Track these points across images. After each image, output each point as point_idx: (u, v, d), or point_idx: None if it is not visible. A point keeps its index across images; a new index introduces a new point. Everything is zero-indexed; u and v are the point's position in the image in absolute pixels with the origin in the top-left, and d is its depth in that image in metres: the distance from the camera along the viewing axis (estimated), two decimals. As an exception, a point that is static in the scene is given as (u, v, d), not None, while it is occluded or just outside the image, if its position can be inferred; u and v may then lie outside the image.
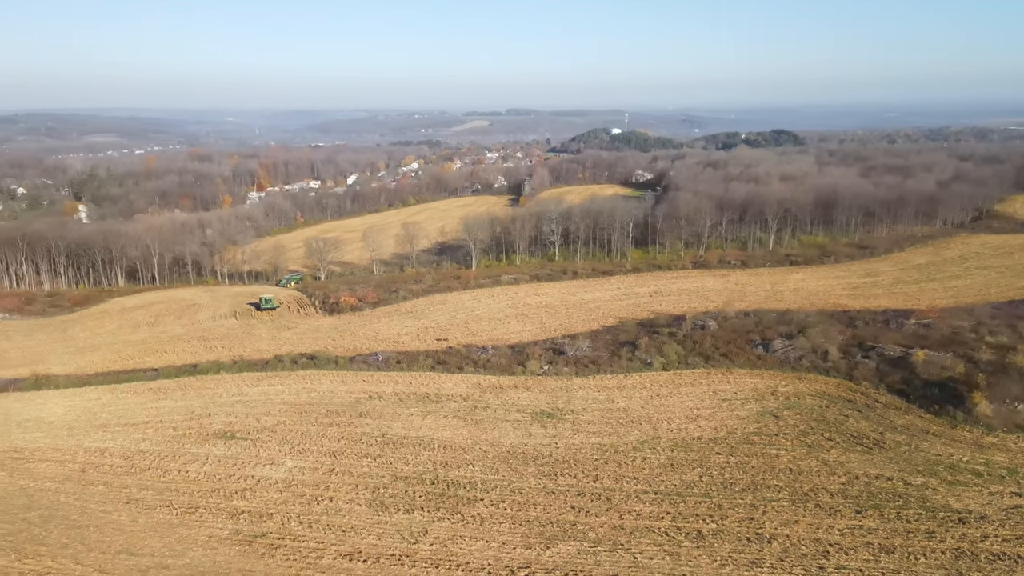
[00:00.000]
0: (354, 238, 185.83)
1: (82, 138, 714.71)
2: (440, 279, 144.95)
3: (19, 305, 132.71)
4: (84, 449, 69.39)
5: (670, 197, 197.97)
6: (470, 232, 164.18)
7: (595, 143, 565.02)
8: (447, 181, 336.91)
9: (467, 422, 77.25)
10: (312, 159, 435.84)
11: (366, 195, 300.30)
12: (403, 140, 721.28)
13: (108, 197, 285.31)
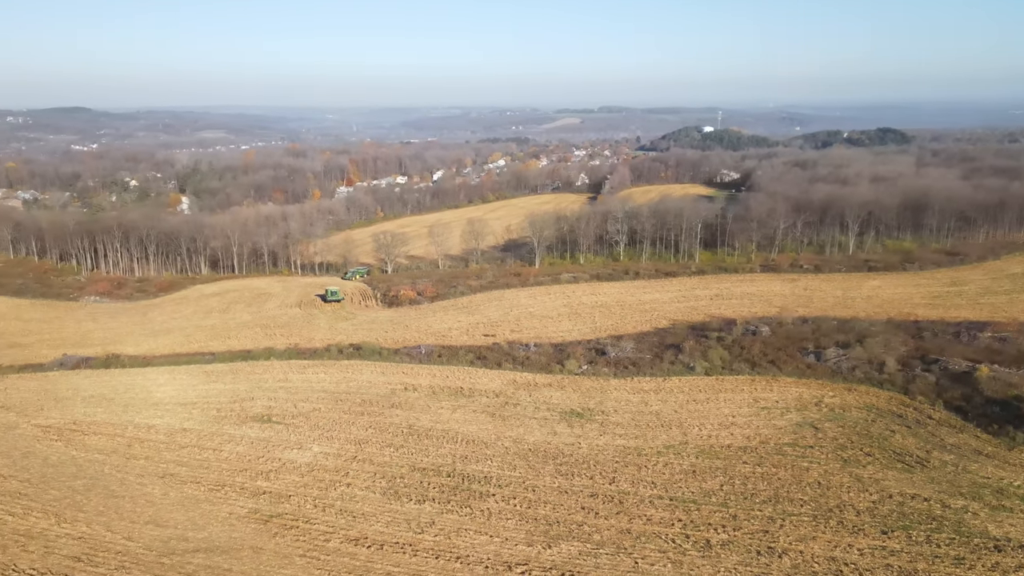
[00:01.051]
0: (426, 233, 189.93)
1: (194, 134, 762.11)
2: (500, 276, 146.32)
3: (110, 289, 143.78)
4: (134, 425, 74.74)
5: (743, 197, 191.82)
6: (535, 229, 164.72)
7: (685, 141, 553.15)
8: (528, 178, 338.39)
9: (494, 418, 77.97)
10: (401, 155, 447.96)
11: (447, 191, 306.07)
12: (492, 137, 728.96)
13: (208, 190, 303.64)
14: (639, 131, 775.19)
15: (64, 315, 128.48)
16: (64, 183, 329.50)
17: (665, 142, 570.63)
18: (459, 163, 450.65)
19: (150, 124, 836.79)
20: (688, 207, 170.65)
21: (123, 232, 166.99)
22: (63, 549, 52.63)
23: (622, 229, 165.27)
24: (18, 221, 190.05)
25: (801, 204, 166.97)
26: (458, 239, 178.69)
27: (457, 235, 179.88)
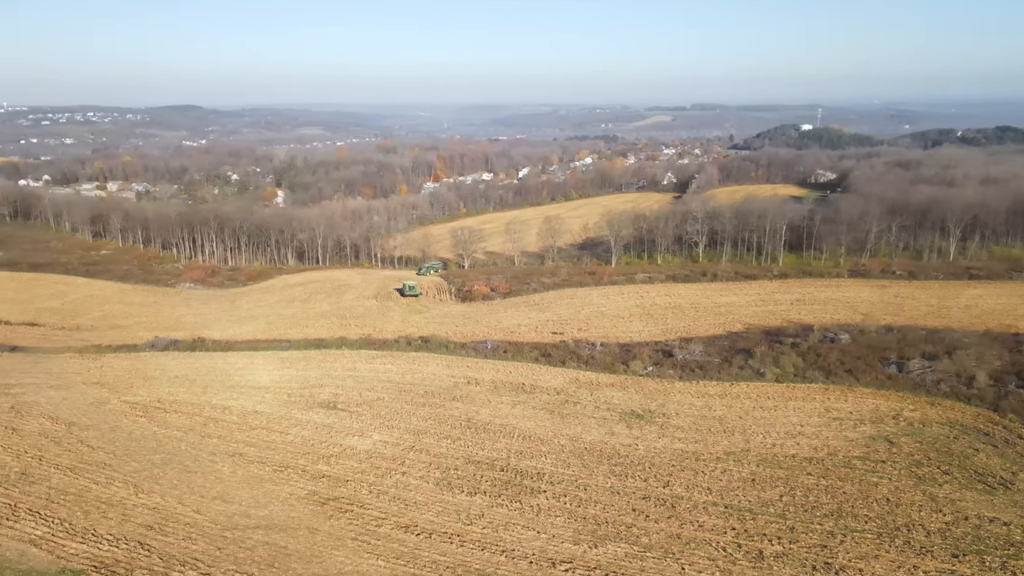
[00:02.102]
0: (504, 230, 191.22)
1: (294, 131, 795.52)
2: (575, 274, 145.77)
3: (204, 277, 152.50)
4: (211, 405, 79.09)
5: (835, 198, 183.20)
6: (612, 228, 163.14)
7: (781, 140, 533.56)
8: (613, 177, 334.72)
9: (553, 415, 77.91)
10: (488, 152, 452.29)
11: (530, 188, 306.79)
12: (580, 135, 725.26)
13: (302, 184, 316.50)
14: (733, 129, 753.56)
15: (161, 300, 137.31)
16: (173, 176, 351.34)
17: (759, 141, 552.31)
18: (545, 160, 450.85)
19: (254, 121, 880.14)
20: (773, 208, 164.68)
21: (219, 223, 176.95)
22: (138, 518, 56.50)
23: (702, 230, 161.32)
24: (128, 211, 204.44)
25: (898, 206, 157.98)
26: (535, 236, 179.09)
27: (534, 232, 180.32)
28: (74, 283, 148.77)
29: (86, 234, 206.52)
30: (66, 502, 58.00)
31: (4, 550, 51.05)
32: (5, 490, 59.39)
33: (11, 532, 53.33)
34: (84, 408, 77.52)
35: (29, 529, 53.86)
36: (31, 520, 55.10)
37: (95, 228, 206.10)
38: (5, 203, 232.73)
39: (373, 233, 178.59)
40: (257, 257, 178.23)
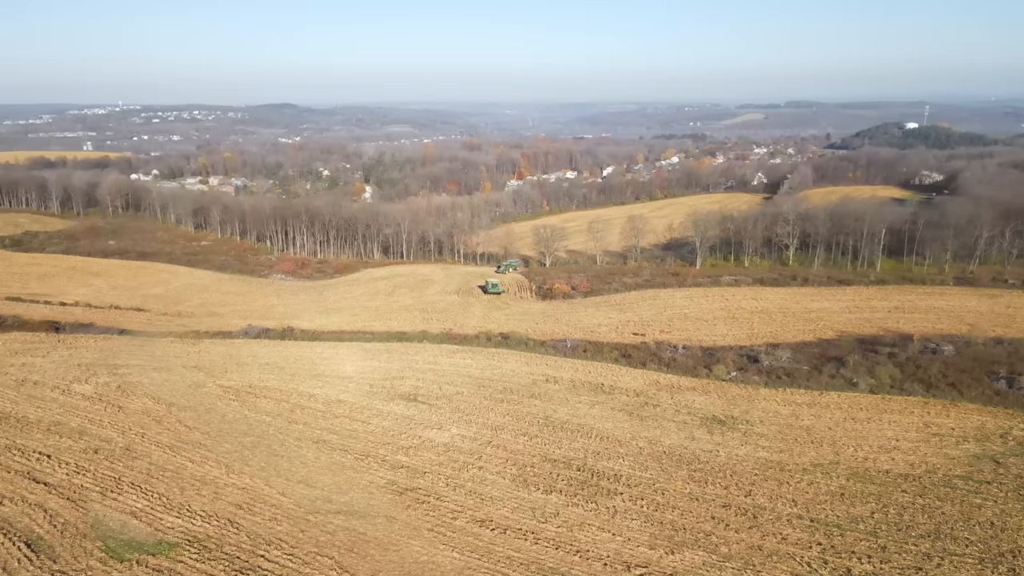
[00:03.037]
0: (586, 229, 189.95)
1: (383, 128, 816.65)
2: (657, 275, 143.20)
3: (294, 269, 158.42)
4: (298, 392, 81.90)
5: (941, 201, 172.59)
6: (698, 229, 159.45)
7: (882, 139, 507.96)
8: (700, 176, 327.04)
9: (632, 417, 76.69)
10: (572, 150, 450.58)
11: (614, 187, 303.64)
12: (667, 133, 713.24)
13: (389, 180, 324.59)
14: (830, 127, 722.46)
15: (255, 290, 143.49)
16: (269, 172, 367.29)
17: (859, 140, 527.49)
18: (630, 159, 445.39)
19: (346, 119, 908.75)
20: (872, 210, 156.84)
21: (309, 217, 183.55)
22: (228, 496, 59.15)
23: (793, 232, 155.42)
24: (227, 205, 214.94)
25: (1012, 210, 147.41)
26: (618, 236, 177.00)
27: (617, 232, 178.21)
28: (177, 272, 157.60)
29: (189, 226, 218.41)
30: (164, 478, 61.32)
31: (108, 520, 54.46)
32: (111, 464, 63.35)
33: (115, 503, 56.83)
34: (183, 390, 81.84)
35: (131, 502, 57.24)
36: (133, 493, 58.53)
37: (197, 220, 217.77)
38: (118, 196, 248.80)
39: (456, 229, 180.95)
40: (344, 250, 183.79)
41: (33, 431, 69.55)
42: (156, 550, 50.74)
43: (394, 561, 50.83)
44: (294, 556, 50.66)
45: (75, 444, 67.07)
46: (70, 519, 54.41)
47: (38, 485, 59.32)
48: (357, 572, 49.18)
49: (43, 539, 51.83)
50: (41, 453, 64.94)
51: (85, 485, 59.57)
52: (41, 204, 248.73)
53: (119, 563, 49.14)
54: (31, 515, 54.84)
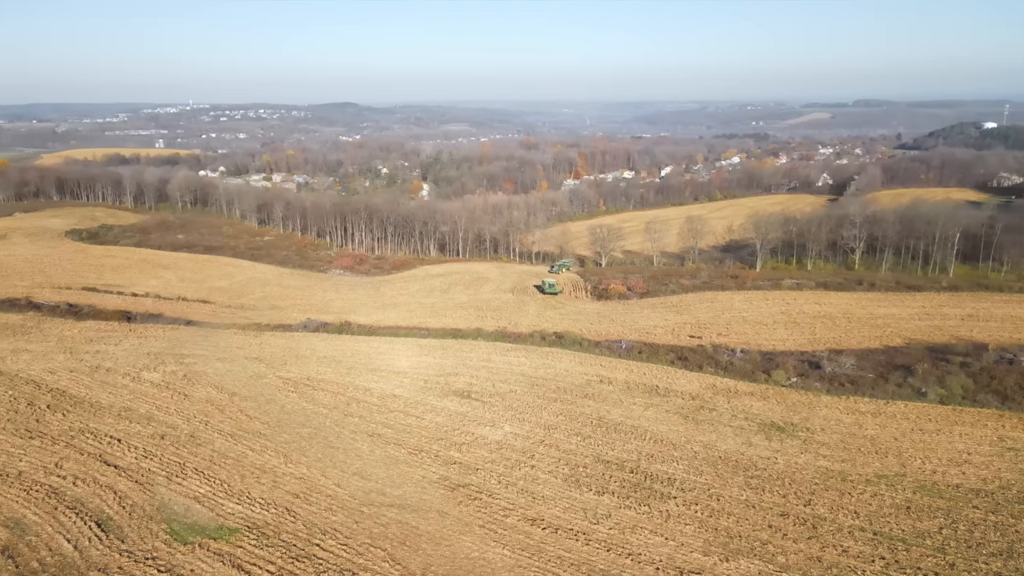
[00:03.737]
0: (643, 229, 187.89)
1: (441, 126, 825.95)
2: (716, 277, 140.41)
3: (352, 264, 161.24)
4: (354, 386, 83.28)
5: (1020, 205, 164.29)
6: (759, 231, 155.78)
7: (958, 139, 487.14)
8: (761, 177, 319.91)
9: (687, 420, 75.43)
10: (630, 150, 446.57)
11: (672, 187, 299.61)
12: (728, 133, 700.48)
13: (446, 178, 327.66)
14: (901, 127, 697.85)
15: (314, 284, 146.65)
16: (329, 169, 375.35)
17: (932, 140, 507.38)
18: (689, 159, 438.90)
19: (405, 117, 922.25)
20: (945, 214, 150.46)
21: (368, 214, 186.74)
22: (286, 485, 60.59)
23: (859, 235, 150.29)
24: (289, 201, 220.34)
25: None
26: (675, 237, 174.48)
27: (675, 232, 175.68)
28: (240, 266, 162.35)
29: (252, 221, 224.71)
30: (226, 465, 63.22)
31: (173, 504, 56.47)
32: (176, 450, 65.67)
33: (179, 488, 58.89)
34: (244, 380, 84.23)
35: (194, 487, 59.22)
36: (196, 479, 60.54)
37: (260, 216, 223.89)
38: (187, 191, 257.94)
39: (512, 228, 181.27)
40: (401, 247, 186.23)
41: (105, 416, 72.63)
42: (217, 534, 52.35)
43: (445, 556, 51.20)
44: (348, 546, 51.56)
45: (143, 429, 69.76)
46: (138, 501, 56.61)
47: (109, 468, 61.92)
48: (409, 565, 49.72)
49: (112, 519, 54.06)
50: (112, 437, 67.75)
51: (152, 469, 61.89)
52: (116, 199, 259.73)
53: (182, 546, 50.88)
54: (102, 496, 57.28)
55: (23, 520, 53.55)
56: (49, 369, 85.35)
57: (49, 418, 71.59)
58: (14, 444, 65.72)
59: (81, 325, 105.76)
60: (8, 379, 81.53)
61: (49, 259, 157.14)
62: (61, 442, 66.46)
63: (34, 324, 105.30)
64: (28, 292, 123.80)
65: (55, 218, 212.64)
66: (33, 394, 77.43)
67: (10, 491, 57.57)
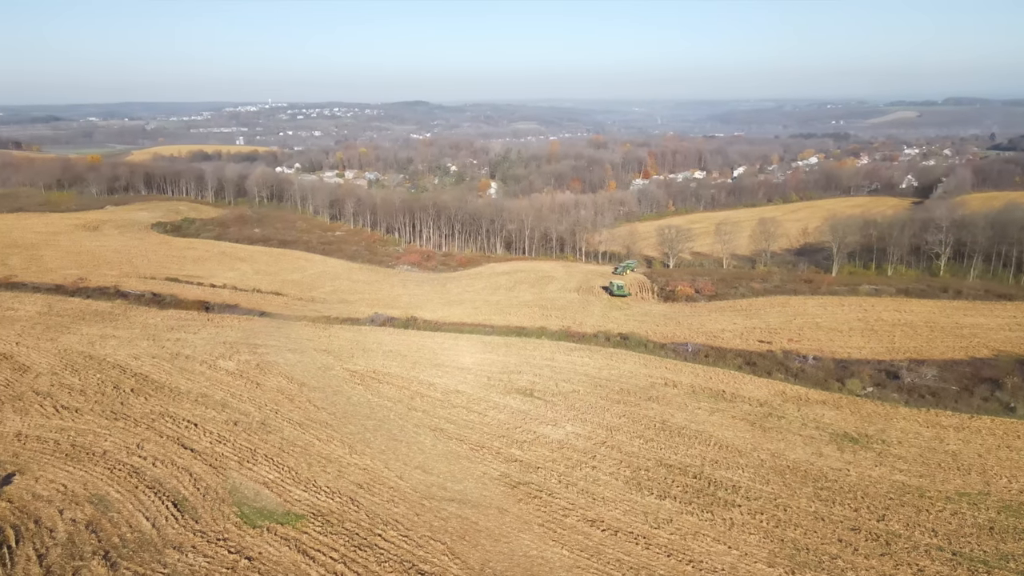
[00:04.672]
0: (713, 230, 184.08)
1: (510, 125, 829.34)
2: (788, 281, 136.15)
3: (420, 260, 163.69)
4: (418, 381, 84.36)
5: None
6: (835, 234, 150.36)
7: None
8: (840, 178, 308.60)
9: (754, 427, 73.39)
10: (701, 149, 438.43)
11: (744, 188, 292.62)
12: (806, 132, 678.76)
13: (514, 176, 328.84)
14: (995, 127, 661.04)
15: (382, 279, 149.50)
16: (400, 166, 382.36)
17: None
18: (763, 159, 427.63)
19: (475, 116, 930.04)
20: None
21: (436, 211, 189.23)
22: (351, 475, 61.91)
23: (946, 240, 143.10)
24: (360, 198, 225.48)
25: None
26: (746, 239, 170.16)
27: (746, 234, 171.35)
28: (312, 260, 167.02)
29: (325, 216, 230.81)
30: (294, 453, 65.07)
31: (244, 488, 58.47)
32: (248, 436, 67.99)
33: (250, 473, 60.93)
34: (313, 371, 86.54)
35: (264, 473, 61.18)
36: (266, 465, 62.52)
37: (332, 211, 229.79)
38: (264, 187, 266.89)
39: (579, 227, 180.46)
40: (468, 244, 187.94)
41: (183, 401, 75.85)
42: (284, 520, 53.93)
43: (504, 552, 51.32)
44: (408, 538, 52.29)
45: (218, 415, 72.51)
46: (211, 484, 58.86)
47: (185, 451, 64.60)
48: (467, 560, 50.05)
49: (187, 500, 56.38)
50: (189, 421, 70.68)
51: (225, 454, 64.24)
52: (198, 193, 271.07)
53: (252, 529, 52.62)
54: (178, 478, 59.81)
55: (106, 497, 56.42)
56: (134, 355, 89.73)
57: (132, 401, 75.24)
58: (100, 425, 69.34)
59: (163, 314, 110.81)
60: (97, 363, 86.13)
61: (136, 250, 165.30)
62: (143, 424, 69.73)
63: (121, 312, 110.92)
64: (116, 281, 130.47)
65: (142, 211, 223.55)
66: (119, 378, 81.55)
67: (96, 469, 60.76)
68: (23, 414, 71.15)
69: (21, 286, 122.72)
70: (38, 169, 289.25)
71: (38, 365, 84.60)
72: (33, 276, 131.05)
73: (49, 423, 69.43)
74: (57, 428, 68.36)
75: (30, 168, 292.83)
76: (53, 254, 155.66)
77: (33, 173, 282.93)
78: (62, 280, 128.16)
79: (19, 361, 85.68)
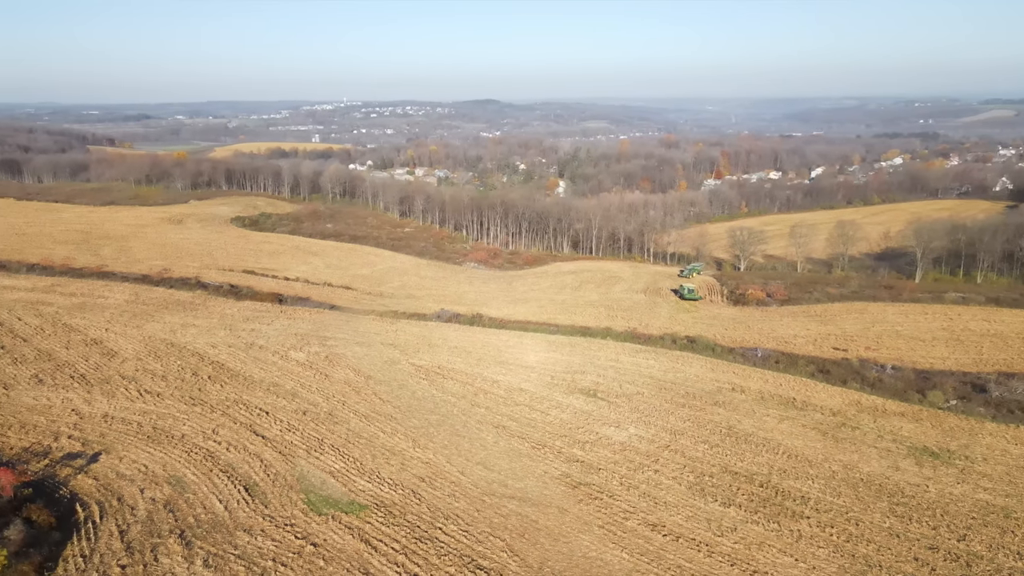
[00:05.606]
0: (788, 233, 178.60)
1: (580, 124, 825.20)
2: (867, 286, 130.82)
3: (486, 258, 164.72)
4: (482, 378, 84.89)
5: None
6: (920, 239, 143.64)
7: None
8: (927, 180, 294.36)
9: (826, 437, 70.78)
10: (778, 149, 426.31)
11: (822, 190, 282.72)
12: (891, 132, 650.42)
13: (582, 176, 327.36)
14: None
15: (449, 276, 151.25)
16: (469, 164, 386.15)
17: None
18: (844, 160, 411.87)
19: (544, 114, 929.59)
20: None
21: (504, 209, 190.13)
22: (413, 469, 62.87)
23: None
24: (429, 195, 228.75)
25: None
26: (823, 242, 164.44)
27: (822, 237, 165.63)
28: (382, 255, 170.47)
29: (394, 213, 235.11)
30: (359, 444, 66.53)
31: (311, 476, 60.16)
32: (316, 426, 69.90)
33: (317, 462, 62.64)
34: (380, 365, 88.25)
35: (330, 462, 62.78)
36: (332, 455, 64.15)
37: (402, 208, 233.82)
38: (337, 184, 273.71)
39: (647, 227, 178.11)
40: (535, 243, 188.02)
41: (256, 389, 78.59)
42: (349, 509, 55.21)
43: (563, 552, 51.12)
44: (468, 533, 52.71)
45: (288, 404, 74.83)
46: (280, 471, 60.81)
47: (257, 437, 66.93)
48: (526, 558, 50.08)
49: (258, 485, 58.40)
50: (261, 409, 73.20)
51: (294, 442, 66.24)
52: (275, 189, 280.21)
53: (318, 516, 54.10)
54: (250, 463, 62.03)
55: (183, 479, 59.03)
56: (211, 343, 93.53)
57: (209, 388, 78.45)
58: (179, 409, 72.59)
59: (240, 305, 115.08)
60: (178, 350, 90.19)
61: (216, 243, 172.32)
62: (218, 411, 72.61)
63: (201, 302, 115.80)
64: (197, 272, 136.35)
65: (223, 206, 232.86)
66: (197, 365, 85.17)
67: (174, 451, 63.65)
68: (110, 396, 75.21)
69: (111, 275, 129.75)
70: (129, 165, 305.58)
71: (124, 351, 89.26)
72: (122, 266, 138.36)
73: (133, 406, 73.14)
74: (140, 411, 71.96)
75: (122, 164, 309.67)
76: (141, 245, 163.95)
77: (125, 169, 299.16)
78: (148, 270, 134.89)
79: (108, 346, 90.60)
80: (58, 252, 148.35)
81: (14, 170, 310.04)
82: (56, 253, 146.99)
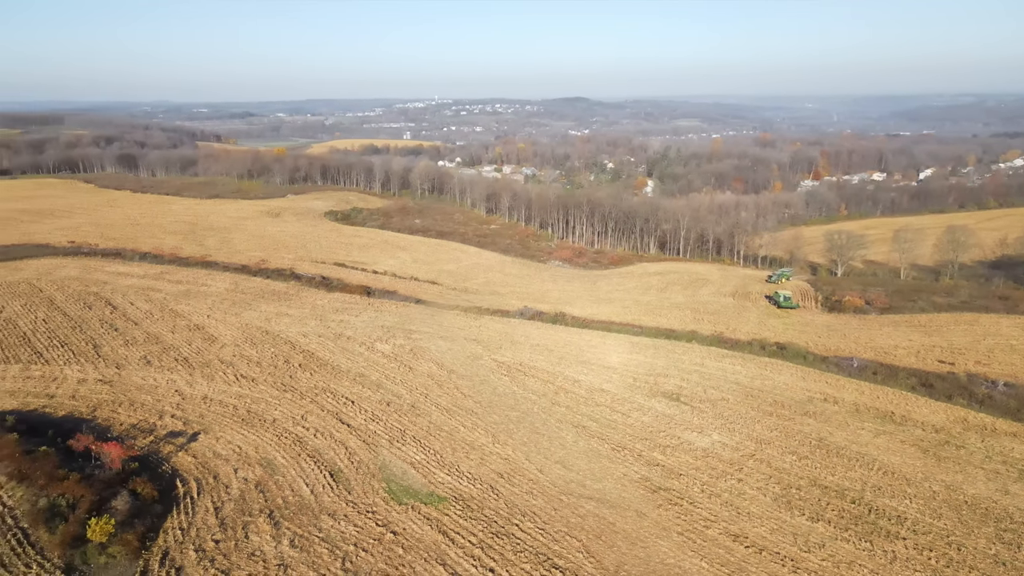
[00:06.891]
0: (891, 238, 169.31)
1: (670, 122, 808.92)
2: (979, 296, 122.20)
3: (571, 257, 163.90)
4: (563, 376, 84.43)
5: None
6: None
7: None
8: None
9: (927, 455, 66.66)
10: (883, 149, 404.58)
11: (931, 192, 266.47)
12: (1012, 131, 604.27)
13: (672, 175, 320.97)
14: None
15: (533, 274, 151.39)
16: (556, 162, 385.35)
17: None
18: (957, 161, 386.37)
19: (634, 112, 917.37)
20: None
21: (590, 208, 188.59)
22: (492, 464, 63.30)
23: None
24: (515, 192, 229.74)
25: None
26: (930, 248, 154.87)
27: (930, 243, 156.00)
28: (467, 251, 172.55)
29: (481, 210, 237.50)
30: (440, 437, 67.55)
31: (392, 466, 61.55)
32: (399, 417, 71.45)
33: (398, 452, 64.01)
34: (462, 360, 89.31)
35: (411, 453, 64.03)
36: (414, 446, 65.40)
37: (488, 205, 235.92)
38: (426, 180, 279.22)
39: (739, 229, 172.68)
40: (620, 243, 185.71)
41: (343, 379, 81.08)
42: (428, 500, 56.14)
43: (640, 557, 50.28)
44: (545, 531, 52.61)
45: (373, 395, 76.81)
46: (364, 459, 62.50)
47: (343, 425, 69.04)
48: (603, 560, 49.55)
49: (342, 472, 60.23)
50: (347, 398, 75.46)
51: (378, 432, 67.94)
52: (367, 185, 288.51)
53: (398, 505, 55.28)
54: (335, 450, 64.05)
55: (273, 461, 61.58)
56: (303, 333, 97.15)
57: (299, 375, 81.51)
58: (271, 395, 75.76)
59: (330, 296, 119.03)
60: (272, 338, 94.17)
61: (310, 236, 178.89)
62: (307, 398, 75.35)
63: (294, 292, 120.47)
64: (292, 264, 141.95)
65: (317, 200, 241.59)
66: (289, 353, 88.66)
67: (266, 435, 66.49)
68: (209, 380, 79.33)
69: (214, 264, 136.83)
70: (233, 160, 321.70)
71: (223, 336, 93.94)
72: (224, 256, 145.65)
73: (230, 389, 76.89)
74: (236, 395, 75.57)
75: (227, 159, 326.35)
76: (241, 237, 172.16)
77: (229, 164, 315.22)
78: (247, 261, 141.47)
79: (209, 332, 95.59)
80: (167, 242, 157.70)
81: (132, 164, 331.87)
82: (165, 243, 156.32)
